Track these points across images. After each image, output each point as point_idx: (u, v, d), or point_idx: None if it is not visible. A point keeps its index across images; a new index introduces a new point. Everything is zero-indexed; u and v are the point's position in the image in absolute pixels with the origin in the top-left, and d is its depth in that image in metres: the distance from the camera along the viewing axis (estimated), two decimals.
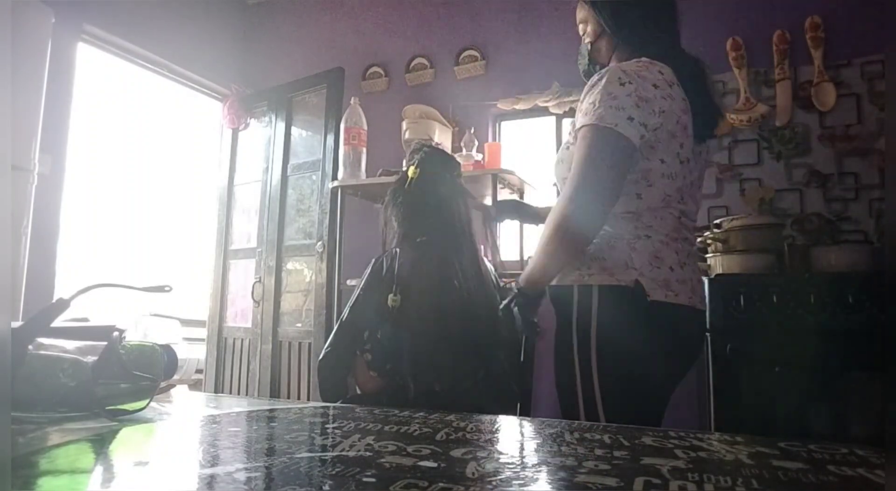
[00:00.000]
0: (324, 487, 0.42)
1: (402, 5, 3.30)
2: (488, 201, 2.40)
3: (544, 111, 2.92)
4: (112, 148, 5.44)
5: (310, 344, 2.86)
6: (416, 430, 0.60)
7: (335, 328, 1.39)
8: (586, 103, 1.13)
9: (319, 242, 2.89)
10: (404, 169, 1.53)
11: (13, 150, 2.09)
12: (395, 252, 1.40)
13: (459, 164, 1.62)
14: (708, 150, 1.28)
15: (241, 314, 3.26)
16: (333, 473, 0.46)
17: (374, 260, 1.43)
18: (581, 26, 1.32)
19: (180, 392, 0.89)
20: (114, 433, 0.60)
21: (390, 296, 1.32)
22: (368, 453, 0.50)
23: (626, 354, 1.08)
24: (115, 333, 0.75)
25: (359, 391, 1.36)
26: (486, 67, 3.03)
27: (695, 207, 1.24)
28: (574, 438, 0.58)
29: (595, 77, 1.15)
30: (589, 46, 1.30)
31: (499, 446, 0.57)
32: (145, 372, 0.72)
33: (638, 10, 1.21)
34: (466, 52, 3.07)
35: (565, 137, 1.30)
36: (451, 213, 1.45)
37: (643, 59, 1.16)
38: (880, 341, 1.62)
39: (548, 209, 1.46)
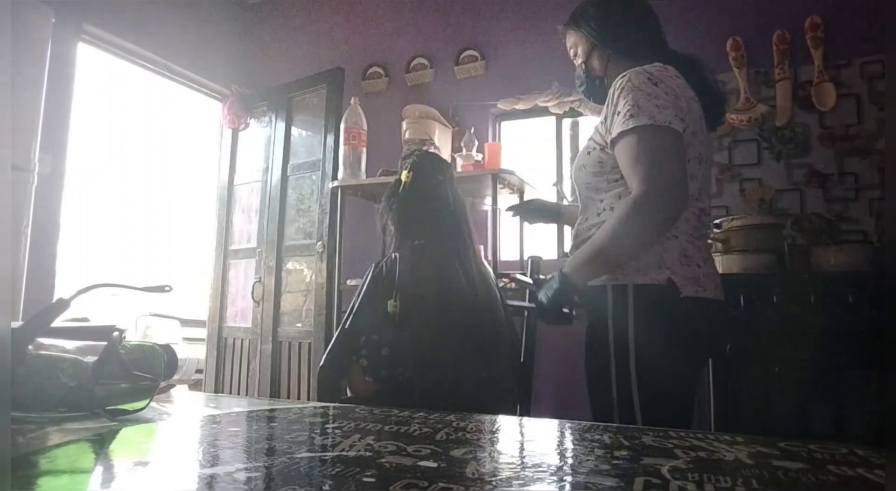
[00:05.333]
0: (324, 487, 0.42)
1: (402, 5, 3.30)
2: (488, 201, 2.40)
3: (544, 111, 2.92)
4: (112, 148, 5.44)
5: (310, 344, 2.86)
6: (416, 430, 0.60)
7: (335, 335, 1.39)
8: (625, 104, 1.12)
9: (319, 242, 2.89)
10: (397, 174, 1.53)
11: (13, 150, 2.09)
12: (395, 257, 1.40)
13: (451, 165, 1.62)
14: (711, 143, 1.29)
15: (241, 314, 3.26)
16: (333, 473, 0.46)
17: (373, 265, 1.43)
18: (572, 51, 1.36)
19: (180, 392, 0.89)
20: (114, 433, 0.60)
21: (390, 302, 1.31)
22: (368, 453, 0.50)
23: (663, 350, 1.11)
24: (115, 333, 0.75)
25: (349, 394, 1.36)
26: (486, 67, 3.03)
27: (710, 203, 1.26)
28: (574, 438, 0.58)
29: (620, 80, 1.16)
30: (583, 65, 1.34)
31: (499, 446, 0.57)
32: (145, 372, 0.72)
33: (620, 19, 1.27)
34: (466, 52, 3.07)
35: (573, 141, 1.29)
36: (447, 214, 1.45)
37: (657, 64, 1.17)
38: (880, 341, 1.62)
39: (572, 207, 1.45)
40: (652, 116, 1.07)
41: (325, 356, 1.37)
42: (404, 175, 1.48)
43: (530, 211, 1.63)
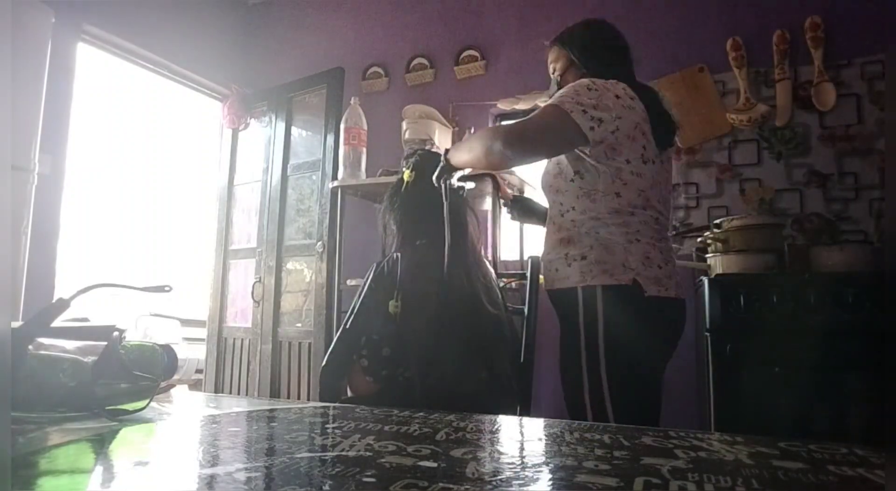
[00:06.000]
0: (324, 487, 0.42)
1: (402, 5, 3.30)
2: (488, 201, 2.40)
3: None
4: (112, 148, 5.44)
5: (310, 344, 2.86)
6: (416, 430, 0.60)
7: (337, 335, 1.39)
8: (557, 92, 1.33)
9: (319, 242, 2.89)
10: (399, 173, 1.53)
11: (13, 150, 2.09)
12: (396, 257, 1.40)
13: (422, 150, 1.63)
14: (669, 158, 1.45)
15: (241, 314, 3.26)
16: (333, 473, 0.46)
17: (374, 265, 1.43)
18: (552, 65, 1.54)
19: (180, 392, 0.89)
20: (114, 433, 0.60)
21: (391, 302, 1.31)
22: (368, 453, 0.50)
23: (630, 345, 1.23)
24: (115, 333, 0.75)
25: (350, 394, 1.36)
26: (486, 67, 3.03)
27: (667, 212, 1.41)
28: (574, 438, 0.58)
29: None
30: (559, 78, 1.51)
31: (499, 446, 0.57)
32: (145, 372, 0.72)
33: (600, 47, 1.47)
34: (466, 52, 3.07)
35: None
36: (450, 213, 1.45)
37: (610, 80, 1.35)
38: (880, 341, 1.62)
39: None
40: (561, 101, 1.27)
41: (326, 356, 1.37)
42: (407, 174, 1.48)
43: (520, 209, 1.79)
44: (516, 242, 2.69)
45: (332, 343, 1.38)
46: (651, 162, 1.35)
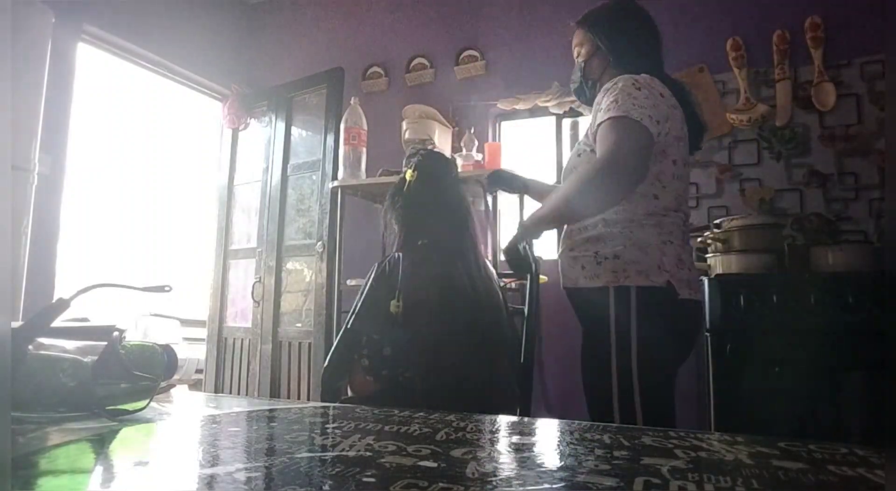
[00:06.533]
0: (324, 487, 0.42)
1: (402, 5, 3.30)
2: (489, 201, 2.40)
3: (544, 111, 2.92)
4: (112, 148, 5.44)
5: (310, 344, 2.86)
6: (416, 430, 0.60)
7: (339, 335, 1.39)
8: (607, 102, 1.23)
9: (319, 242, 2.89)
10: (402, 173, 1.53)
11: (13, 150, 2.09)
12: (397, 257, 1.40)
13: (457, 164, 1.62)
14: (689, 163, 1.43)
15: (241, 314, 3.26)
16: (333, 473, 0.46)
17: (376, 265, 1.43)
18: (577, 49, 1.46)
19: (180, 392, 0.89)
20: (114, 433, 0.60)
21: (393, 302, 1.31)
22: (368, 453, 0.50)
23: (663, 348, 1.22)
24: (115, 333, 0.75)
25: (350, 394, 1.36)
26: (486, 67, 3.03)
27: (689, 212, 1.39)
28: (574, 438, 0.58)
29: (609, 84, 1.27)
30: (583, 64, 1.44)
31: (499, 446, 0.57)
32: (145, 372, 0.72)
33: (629, 33, 1.38)
34: (466, 52, 3.07)
35: (573, 141, 1.39)
36: (451, 213, 1.45)
37: (644, 74, 1.27)
38: (880, 341, 1.62)
39: (544, 186, 1.64)
40: (626, 111, 1.18)
41: (328, 357, 1.37)
42: (409, 174, 1.47)
43: (495, 180, 1.73)
44: None
45: (335, 343, 1.38)
46: (688, 165, 1.33)
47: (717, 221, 2.15)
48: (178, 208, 5.77)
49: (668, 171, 1.26)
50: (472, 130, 2.71)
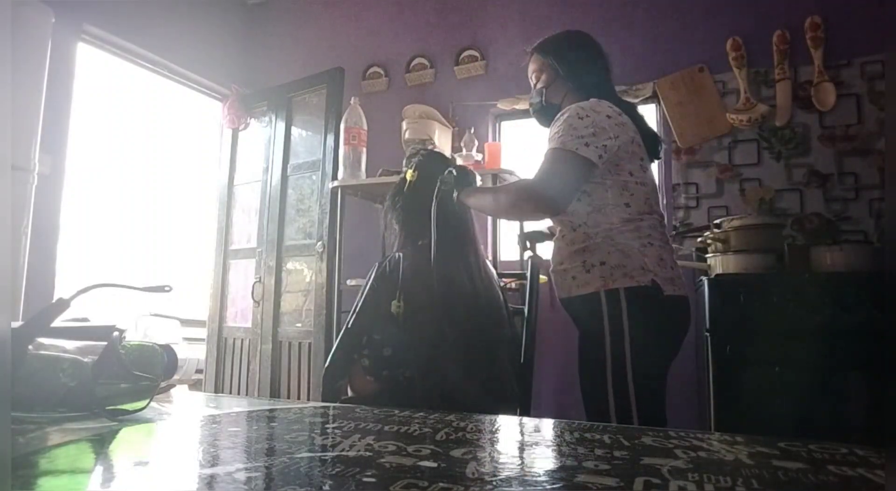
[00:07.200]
0: (324, 487, 0.42)
1: (402, 5, 3.30)
2: None
3: None
4: (112, 148, 5.44)
5: (310, 344, 2.86)
6: (416, 430, 0.60)
7: (340, 335, 1.39)
8: (552, 132, 1.38)
9: (319, 242, 2.89)
10: (402, 173, 1.53)
11: (13, 150, 2.09)
12: (398, 257, 1.40)
13: (457, 164, 1.62)
14: (651, 170, 1.52)
15: (241, 314, 3.26)
16: (333, 473, 0.46)
17: (376, 265, 1.43)
18: (535, 75, 1.56)
19: (180, 392, 0.89)
20: (114, 433, 0.60)
21: (394, 302, 1.31)
22: (368, 453, 0.50)
23: (653, 344, 1.31)
24: (115, 333, 0.75)
25: (350, 394, 1.36)
26: (486, 67, 3.03)
27: (664, 213, 1.49)
28: (574, 438, 0.58)
29: (559, 114, 1.40)
30: (544, 91, 1.54)
31: (499, 446, 0.57)
32: (145, 372, 0.72)
33: (584, 61, 1.51)
34: (466, 52, 3.07)
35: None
36: (451, 213, 1.45)
37: (592, 99, 1.40)
38: (880, 341, 1.62)
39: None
40: (563, 143, 1.32)
41: (329, 357, 1.37)
42: (410, 174, 1.47)
43: (531, 239, 1.79)
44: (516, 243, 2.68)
45: (335, 343, 1.38)
46: (648, 170, 1.43)
47: (717, 221, 2.15)
48: (178, 208, 5.77)
49: (629, 181, 1.37)
50: (472, 130, 2.71)
